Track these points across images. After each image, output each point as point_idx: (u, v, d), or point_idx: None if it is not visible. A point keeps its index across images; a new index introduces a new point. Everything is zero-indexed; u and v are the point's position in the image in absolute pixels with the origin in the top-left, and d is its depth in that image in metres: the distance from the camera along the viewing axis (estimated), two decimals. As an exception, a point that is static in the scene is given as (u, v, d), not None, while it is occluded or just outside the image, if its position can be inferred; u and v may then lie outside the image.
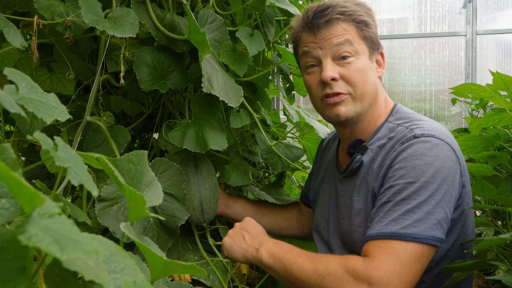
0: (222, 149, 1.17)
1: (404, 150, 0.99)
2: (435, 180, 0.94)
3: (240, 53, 1.25)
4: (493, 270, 1.42)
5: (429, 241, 0.92)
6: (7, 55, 1.04)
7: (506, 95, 1.21)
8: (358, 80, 1.07)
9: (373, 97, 1.11)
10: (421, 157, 0.96)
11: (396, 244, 0.91)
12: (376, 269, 0.89)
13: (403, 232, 0.91)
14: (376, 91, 1.12)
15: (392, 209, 0.95)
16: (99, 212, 0.97)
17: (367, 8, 1.14)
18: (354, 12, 1.09)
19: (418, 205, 0.93)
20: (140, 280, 0.52)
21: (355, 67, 1.07)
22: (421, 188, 0.94)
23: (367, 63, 1.09)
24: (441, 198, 0.94)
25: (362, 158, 1.09)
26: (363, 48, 1.09)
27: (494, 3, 4.38)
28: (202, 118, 1.20)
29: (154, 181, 0.86)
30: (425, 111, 4.52)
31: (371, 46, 1.11)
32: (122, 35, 0.96)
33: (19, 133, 1.14)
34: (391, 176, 0.99)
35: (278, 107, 3.41)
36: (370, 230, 0.96)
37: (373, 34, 1.12)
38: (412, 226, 0.92)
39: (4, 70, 0.68)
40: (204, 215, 1.25)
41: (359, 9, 1.11)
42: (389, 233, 0.92)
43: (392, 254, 0.91)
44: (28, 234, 0.33)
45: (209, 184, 1.25)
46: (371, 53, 1.11)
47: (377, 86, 1.12)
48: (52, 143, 0.61)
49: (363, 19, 1.09)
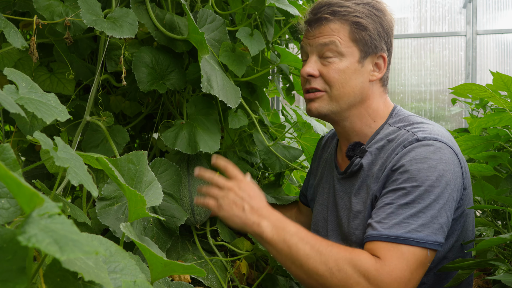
0: (213, 152, 1.15)
1: (407, 153, 0.99)
2: (439, 183, 0.94)
3: (239, 54, 1.25)
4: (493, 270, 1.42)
5: (432, 245, 0.92)
6: (7, 55, 1.03)
7: (506, 95, 1.21)
8: (336, 80, 1.08)
9: (355, 99, 1.10)
10: (425, 160, 0.96)
11: (405, 249, 0.91)
12: (388, 275, 0.89)
13: (408, 237, 0.91)
14: (362, 94, 1.11)
15: (396, 212, 0.94)
16: (100, 211, 0.97)
17: (375, 9, 1.10)
18: (350, 13, 1.08)
19: (422, 209, 0.93)
20: (140, 280, 0.52)
21: (335, 68, 1.08)
22: (425, 192, 0.93)
23: (352, 65, 1.08)
24: (445, 202, 0.94)
25: (362, 161, 1.09)
26: (351, 51, 1.08)
27: (494, 3, 4.38)
28: (197, 119, 1.20)
29: (154, 181, 0.86)
30: (425, 111, 4.52)
31: (363, 49, 1.09)
32: (121, 35, 0.96)
33: (19, 133, 1.13)
34: (395, 180, 0.98)
35: (278, 107, 3.41)
36: (372, 230, 0.95)
37: (369, 37, 1.09)
38: (416, 230, 0.91)
39: (4, 70, 0.68)
40: (195, 217, 1.24)
41: (360, 9, 1.08)
42: (393, 236, 0.92)
43: (402, 259, 0.90)
44: (27, 234, 0.33)
45: (201, 186, 1.25)
46: (363, 56, 1.09)
47: (365, 89, 1.11)
48: (52, 143, 0.61)
49: (358, 21, 1.07)
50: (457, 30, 4.43)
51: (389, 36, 1.15)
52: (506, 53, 4.36)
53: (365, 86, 1.11)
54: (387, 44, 1.14)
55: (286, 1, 1.23)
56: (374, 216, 0.98)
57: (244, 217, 1.00)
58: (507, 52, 4.35)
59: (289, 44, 1.86)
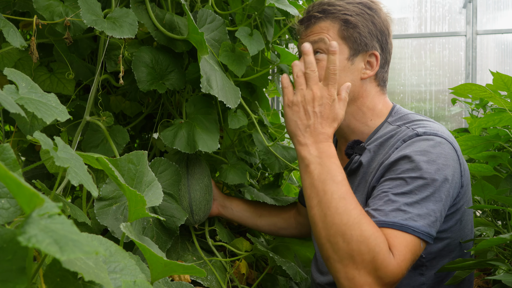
0: (211, 151, 1.15)
1: (407, 147, 0.99)
2: (438, 177, 0.94)
3: (239, 54, 1.25)
4: (493, 270, 1.42)
5: (426, 237, 0.91)
6: (7, 55, 1.04)
7: (506, 95, 1.21)
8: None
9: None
10: (425, 153, 0.96)
11: (407, 236, 0.89)
12: (398, 266, 0.87)
13: (405, 224, 0.90)
14: (353, 92, 1.11)
15: (393, 199, 0.93)
16: (98, 212, 0.97)
17: (367, 8, 1.12)
18: (339, 11, 1.10)
19: (419, 200, 0.92)
20: (140, 280, 0.52)
21: (324, 65, 1.08)
22: (424, 184, 0.93)
23: (341, 63, 1.09)
24: (442, 197, 0.94)
25: (361, 159, 1.09)
26: (341, 48, 1.09)
27: (494, 3, 4.38)
28: (196, 118, 1.20)
29: (154, 181, 0.86)
30: (425, 111, 4.52)
31: (353, 46, 1.10)
32: (120, 35, 0.96)
33: (19, 133, 1.13)
34: (394, 170, 0.97)
35: (278, 108, 3.41)
36: (372, 217, 0.93)
37: (358, 34, 1.10)
38: (413, 219, 0.90)
39: (4, 70, 0.68)
40: (194, 217, 1.24)
41: (350, 8, 1.10)
42: (391, 223, 0.90)
43: (408, 247, 0.89)
44: (27, 234, 0.33)
45: (200, 186, 1.25)
46: (353, 54, 1.10)
47: (356, 87, 1.11)
48: (52, 143, 0.61)
49: (347, 19, 1.09)
50: (457, 30, 4.43)
51: (384, 34, 1.14)
52: (506, 53, 4.36)
53: (356, 84, 1.12)
54: (381, 42, 1.14)
55: (286, 1, 1.23)
56: (371, 204, 0.96)
57: (301, 131, 1.00)
58: (507, 52, 4.35)
59: (289, 44, 1.86)
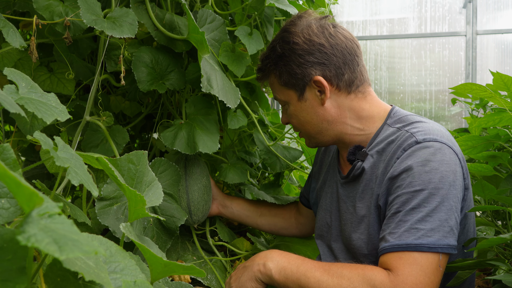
0: (212, 152, 1.15)
1: (408, 157, 0.98)
2: (443, 185, 0.93)
3: (239, 54, 1.25)
4: (493, 270, 1.42)
5: (444, 249, 0.90)
6: (7, 55, 1.03)
7: (506, 95, 1.21)
8: (296, 124, 1.16)
9: (324, 125, 1.11)
10: (426, 163, 0.95)
11: (417, 255, 0.90)
12: (403, 283, 0.88)
13: (418, 243, 0.90)
14: (326, 119, 1.10)
15: (403, 219, 0.93)
16: (99, 211, 0.97)
17: (283, 42, 1.08)
18: (267, 65, 1.13)
19: (429, 213, 0.91)
20: (140, 280, 0.52)
21: (287, 116, 1.16)
22: (430, 195, 0.92)
23: (296, 107, 1.12)
24: (451, 203, 0.93)
25: (363, 165, 1.08)
26: (287, 94, 1.12)
27: (494, 3, 4.38)
28: (196, 119, 1.20)
29: (154, 181, 0.86)
30: (425, 111, 4.52)
31: (294, 87, 1.09)
32: (120, 35, 0.96)
33: (19, 133, 1.14)
34: (399, 186, 0.97)
35: (277, 108, 3.41)
36: (384, 242, 0.94)
37: (289, 74, 1.08)
38: (426, 236, 0.90)
39: (4, 70, 0.68)
40: (193, 217, 1.24)
41: (271, 55, 1.11)
42: (404, 245, 0.90)
43: (415, 265, 0.89)
44: (27, 234, 0.33)
45: (198, 186, 1.25)
46: (300, 92, 1.09)
47: (326, 113, 1.09)
48: (52, 143, 0.61)
49: (274, 68, 1.11)
50: (457, 30, 4.43)
51: (321, 51, 1.06)
52: (506, 53, 4.36)
53: (323, 112, 1.10)
54: (319, 61, 1.06)
55: (286, 1, 1.23)
56: (385, 228, 0.97)
57: (250, 269, 1.03)
58: (507, 52, 4.35)
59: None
